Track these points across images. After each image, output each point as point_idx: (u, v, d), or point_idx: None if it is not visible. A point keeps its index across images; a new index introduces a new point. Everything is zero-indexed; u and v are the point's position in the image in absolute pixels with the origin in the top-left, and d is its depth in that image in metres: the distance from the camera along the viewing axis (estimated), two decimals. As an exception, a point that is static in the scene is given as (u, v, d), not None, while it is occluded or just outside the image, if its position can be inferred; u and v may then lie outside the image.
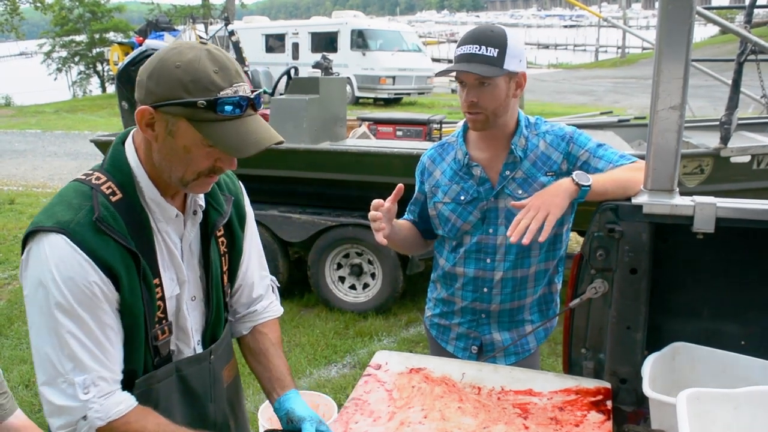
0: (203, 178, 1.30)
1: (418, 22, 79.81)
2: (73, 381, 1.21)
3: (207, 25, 15.14)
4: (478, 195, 1.97)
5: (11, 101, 24.65)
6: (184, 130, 1.22)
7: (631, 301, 1.61)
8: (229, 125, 1.22)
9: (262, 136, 1.26)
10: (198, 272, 1.45)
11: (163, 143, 1.25)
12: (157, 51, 1.25)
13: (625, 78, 26.34)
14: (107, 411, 1.23)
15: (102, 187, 1.27)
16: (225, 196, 1.49)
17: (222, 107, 1.20)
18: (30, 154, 12.85)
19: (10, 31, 25.68)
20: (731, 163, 4.20)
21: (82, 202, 1.25)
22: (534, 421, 1.53)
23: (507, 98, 1.87)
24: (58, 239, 1.20)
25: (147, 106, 1.22)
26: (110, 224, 1.24)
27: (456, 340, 2.13)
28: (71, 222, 1.21)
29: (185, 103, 1.19)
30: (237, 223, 1.53)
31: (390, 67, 18.91)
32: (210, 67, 1.20)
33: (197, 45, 1.24)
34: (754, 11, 4.48)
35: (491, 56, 1.79)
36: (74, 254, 1.20)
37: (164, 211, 1.34)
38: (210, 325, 1.49)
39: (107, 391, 1.24)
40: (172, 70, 1.19)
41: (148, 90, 1.22)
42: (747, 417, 1.24)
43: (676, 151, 1.51)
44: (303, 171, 4.81)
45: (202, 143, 1.23)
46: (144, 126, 1.24)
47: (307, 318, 4.93)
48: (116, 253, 1.24)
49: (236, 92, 1.22)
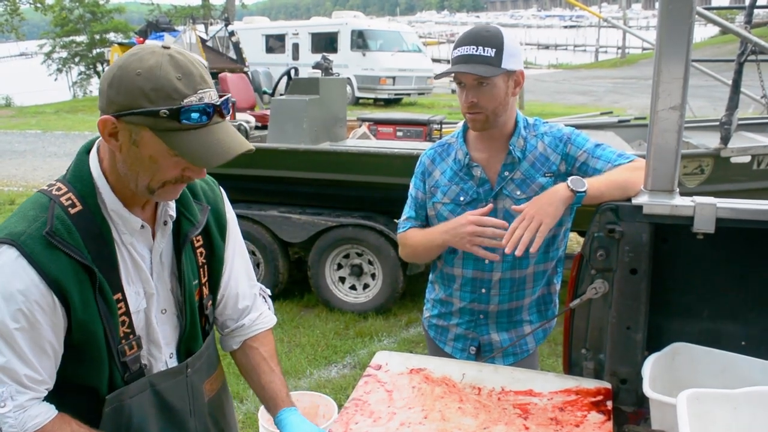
0: (170, 186, 1.26)
1: (418, 22, 79.75)
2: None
3: (207, 25, 15.12)
4: (477, 196, 1.97)
5: (11, 102, 24.65)
6: (148, 139, 1.18)
7: (632, 301, 1.61)
8: (194, 134, 1.17)
9: (230, 145, 1.20)
10: (169, 284, 1.40)
11: (127, 153, 1.21)
12: (118, 58, 1.21)
13: (625, 78, 26.34)
14: (23, 424, 1.21)
15: (61, 198, 1.24)
16: (201, 205, 1.44)
17: (186, 116, 1.15)
18: (30, 155, 12.85)
19: (10, 31, 25.69)
20: (731, 163, 4.20)
21: (38, 213, 1.21)
22: (534, 422, 1.53)
23: (506, 97, 1.88)
24: (9, 251, 1.17)
25: (109, 116, 1.17)
26: (63, 238, 1.20)
27: (454, 341, 2.13)
28: (23, 234, 1.18)
29: (147, 112, 1.14)
30: (216, 232, 1.48)
31: (390, 67, 18.92)
32: (172, 74, 1.14)
33: (159, 50, 1.18)
34: (754, 11, 4.49)
35: (489, 56, 1.80)
36: (20, 267, 1.17)
37: (127, 223, 1.29)
38: (183, 339, 1.45)
39: (25, 405, 1.21)
40: (133, 77, 1.14)
41: (109, 99, 1.17)
42: (747, 417, 1.24)
43: (676, 151, 1.51)
44: (303, 171, 4.81)
45: (168, 153, 1.19)
46: (107, 136, 1.20)
47: (308, 318, 4.93)
48: (67, 267, 1.20)
49: (201, 99, 1.16)
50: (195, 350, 1.48)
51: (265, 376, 1.56)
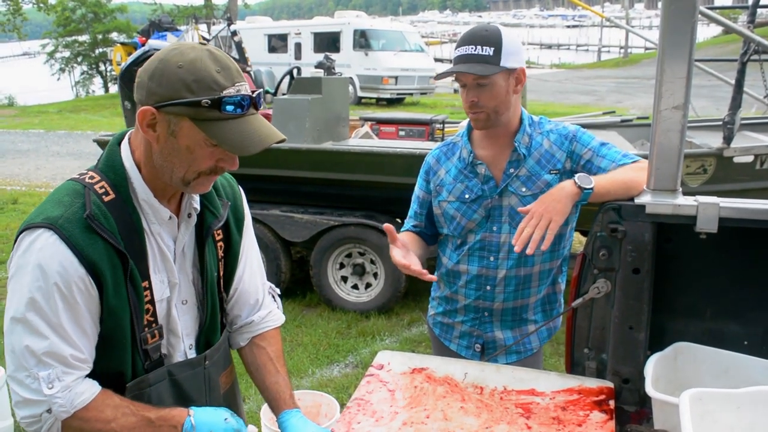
0: (204, 177, 1.30)
1: (420, 22, 79.75)
2: (37, 376, 1.21)
3: (210, 25, 15.16)
4: (482, 193, 1.98)
5: (14, 101, 24.70)
6: (187, 129, 1.22)
7: (634, 301, 1.61)
8: (232, 124, 1.22)
9: (265, 133, 1.26)
10: (191, 276, 1.43)
11: (164, 144, 1.25)
12: (157, 52, 1.25)
13: (628, 78, 26.30)
14: (71, 402, 1.24)
15: (95, 186, 1.27)
16: (222, 200, 1.48)
17: (225, 106, 1.20)
18: (33, 154, 12.88)
19: (13, 31, 25.73)
20: (734, 163, 4.19)
21: (73, 199, 1.25)
22: (536, 421, 1.53)
23: (507, 95, 1.89)
24: (46, 234, 1.20)
25: (149, 107, 1.22)
26: (101, 222, 1.23)
27: (459, 339, 2.14)
28: (60, 218, 1.22)
29: (189, 102, 1.19)
30: (234, 227, 1.51)
31: (392, 67, 18.91)
32: (212, 67, 1.20)
33: (198, 45, 1.24)
34: (758, 11, 4.48)
35: (487, 55, 1.82)
36: (60, 250, 1.20)
37: (157, 213, 1.33)
38: (204, 331, 1.48)
39: (71, 384, 1.24)
40: (175, 70, 1.19)
41: (149, 91, 1.21)
42: (749, 417, 1.24)
43: (679, 150, 1.51)
44: (305, 171, 4.81)
45: (205, 143, 1.23)
46: (145, 127, 1.24)
47: (310, 318, 4.93)
48: (103, 252, 1.23)
49: (238, 91, 1.22)
50: (214, 342, 1.51)
51: (271, 376, 1.57)
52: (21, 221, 5.72)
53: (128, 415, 1.28)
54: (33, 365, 1.21)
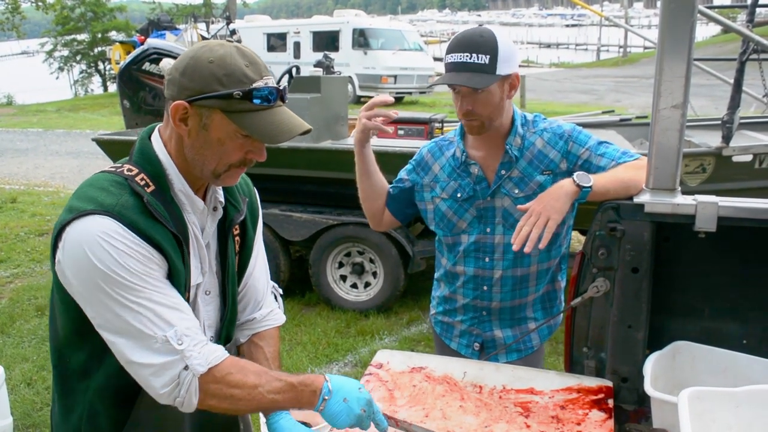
0: (234, 169, 1.33)
1: (419, 21, 79.73)
2: (164, 337, 1.22)
3: (208, 24, 15.13)
4: (474, 193, 1.98)
5: (13, 100, 24.69)
6: (218, 122, 1.26)
7: (633, 300, 1.61)
8: (262, 115, 1.27)
9: (294, 123, 1.31)
10: (214, 268, 1.46)
11: (196, 137, 1.28)
12: (186, 51, 1.29)
13: (627, 77, 26.30)
14: (206, 357, 1.25)
15: (136, 178, 1.28)
16: (241, 196, 1.51)
17: (255, 98, 1.25)
18: (32, 153, 12.87)
19: (11, 29, 25.69)
20: (733, 162, 4.19)
21: (120, 189, 1.25)
22: (535, 420, 1.53)
23: (501, 101, 1.87)
24: (105, 220, 1.20)
25: (181, 101, 1.25)
26: (157, 209, 1.26)
27: (459, 337, 2.14)
28: (116, 205, 1.22)
29: (221, 95, 1.23)
30: (250, 223, 1.55)
31: (391, 66, 18.90)
32: (241, 62, 1.25)
33: (226, 43, 1.29)
34: (757, 10, 4.49)
35: (483, 64, 1.78)
36: (125, 234, 1.20)
37: (193, 203, 1.36)
38: (225, 323, 1.50)
39: (199, 341, 1.26)
40: (206, 65, 1.24)
41: (181, 86, 1.25)
42: (748, 416, 1.24)
43: (677, 149, 1.51)
44: (304, 170, 4.81)
45: (236, 134, 1.27)
46: (177, 121, 1.27)
47: (309, 317, 4.93)
48: (165, 235, 1.26)
49: (267, 84, 1.27)
50: (232, 337, 1.54)
51: None
52: (19, 220, 5.69)
53: (273, 380, 1.30)
54: (157, 330, 1.22)
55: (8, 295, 5.53)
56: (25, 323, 4.84)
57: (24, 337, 4.61)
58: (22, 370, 4.07)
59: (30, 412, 3.60)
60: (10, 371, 4.00)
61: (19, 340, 4.59)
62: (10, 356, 4.31)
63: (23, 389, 3.84)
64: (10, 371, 3.99)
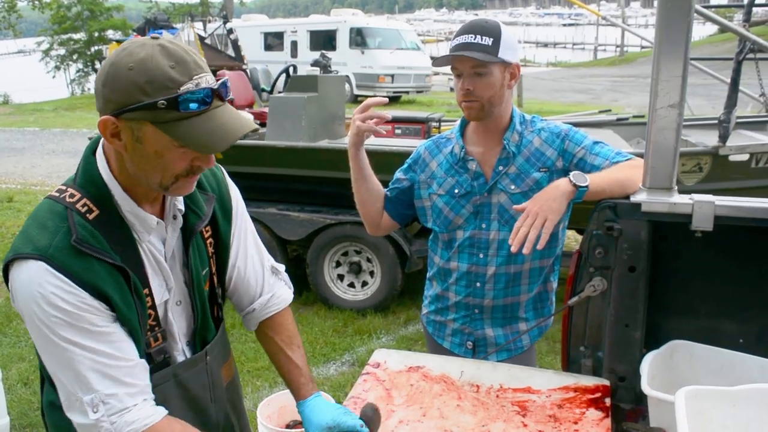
0: (182, 179, 1.24)
1: (416, 20, 79.75)
2: (81, 400, 1.19)
3: (205, 23, 15.12)
4: (471, 189, 1.99)
5: (9, 99, 24.60)
6: (150, 134, 1.15)
7: (630, 299, 1.61)
8: (196, 121, 1.14)
9: (233, 126, 1.18)
10: (182, 277, 1.41)
11: (133, 152, 1.18)
12: (108, 56, 1.19)
13: (624, 76, 26.34)
14: (119, 429, 1.20)
15: (77, 205, 1.21)
16: (207, 195, 1.43)
17: (185, 104, 1.12)
18: (28, 152, 12.83)
19: (8, 28, 25.62)
20: (730, 161, 4.20)
21: (57, 224, 1.19)
22: (533, 419, 1.53)
23: (502, 87, 1.89)
24: (38, 266, 1.15)
25: (108, 116, 1.14)
26: (90, 243, 1.18)
27: (452, 336, 2.14)
28: (49, 247, 1.16)
29: (145, 105, 1.11)
30: (222, 219, 1.47)
31: (389, 65, 18.88)
32: (165, 63, 1.11)
33: (149, 41, 1.15)
34: (753, 10, 4.49)
35: (486, 44, 1.83)
36: (56, 280, 1.15)
37: (144, 223, 1.28)
38: (197, 330, 1.46)
39: (119, 409, 1.21)
40: (126, 73, 1.11)
41: (105, 98, 1.14)
42: (745, 415, 1.24)
43: (674, 149, 1.52)
44: (301, 169, 4.80)
45: (173, 145, 1.16)
46: (109, 137, 1.17)
47: (306, 316, 4.93)
48: (102, 272, 1.19)
49: (198, 85, 1.13)
50: (209, 339, 1.50)
51: (284, 366, 1.57)
52: (16, 219, 5.69)
53: None
54: (77, 390, 1.19)
55: (4, 294, 5.52)
56: (21, 323, 4.82)
57: (21, 336, 4.60)
58: (18, 369, 4.06)
59: (27, 411, 3.60)
60: (7, 371, 4.00)
61: (15, 339, 4.58)
62: (7, 356, 4.31)
63: (20, 389, 3.83)
64: (6, 371, 3.98)
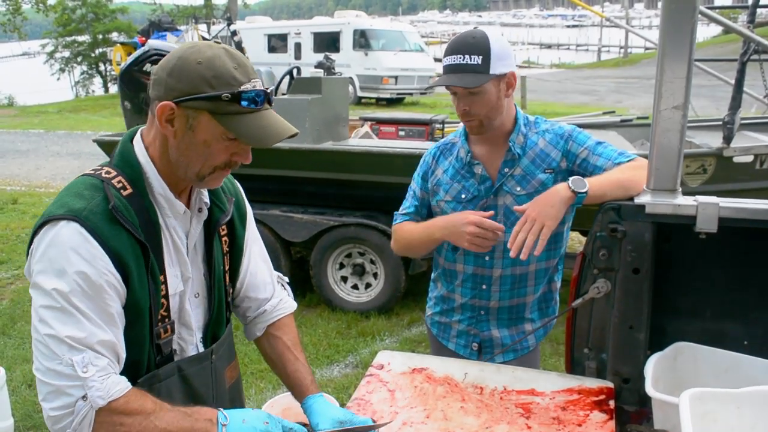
0: (219, 171, 1.33)
1: (420, 22, 79.74)
2: (70, 360, 1.19)
3: (209, 25, 15.17)
4: (478, 193, 1.99)
5: (14, 101, 24.69)
6: (205, 123, 1.26)
7: (634, 300, 1.61)
8: (249, 117, 1.26)
9: (281, 127, 1.31)
10: (202, 270, 1.46)
11: (181, 139, 1.28)
12: (173, 51, 1.29)
13: (628, 78, 26.30)
14: (108, 390, 1.21)
15: (113, 180, 1.29)
16: (227, 196, 1.51)
17: (245, 99, 1.25)
18: (33, 154, 12.87)
19: (13, 31, 25.71)
20: (734, 162, 4.19)
21: (93, 193, 1.26)
22: (536, 421, 1.53)
23: (499, 101, 1.89)
24: (70, 226, 1.21)
25: (168, 102, 1.24)
26: (124, 215, 1.25)
27: (457, 338, 2.14)
28: (84, 210, 1.22)
29: (209, 96, 1.23)
30: (238, 222, 1.54)
31: (392, 67, 18.90)
32: (230, 64, 1.25)
33: (214, 44, 1.29)
34: (758, 11, 4.48)
35: (476, 64, 1.82)
36: (87, 241, 1.20)
37: (173, 207, 1.35)
38: (211, 324, 1.50)
39: (107, 371, 1.22)
40: (195, 66, 1.24)
41: (168, 86, 1.25)
42: (750, 417, 1.24)
43: (678, 150, 1.51)
44: (305, 171, 4.81)
45: (223, 136, 1.27)
46: (163, 122, 1.26)
47: (310, 318, 4.93)
48: (128, 243, 1.25)
49: (254, 87, 1.27)
50: (220, 335, 1.53)
51: (290, 365, 1.59)
52: (21, 221, 5.72)
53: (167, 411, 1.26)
54: (65, 351, 1.19)
55: (9, 296, 5.53)
56: (26, 324, 4.83)
57: (25, 338, 4.61)
58: (23, 371, 4.07)
59: (31, 413, 3.60)
60: (12, 372, 4.00)
61: (20, 341, 4.59)
62: (11, 357, 4.32)
63: (24, 391, 3.84)
64: (11, 372, 3.99)
